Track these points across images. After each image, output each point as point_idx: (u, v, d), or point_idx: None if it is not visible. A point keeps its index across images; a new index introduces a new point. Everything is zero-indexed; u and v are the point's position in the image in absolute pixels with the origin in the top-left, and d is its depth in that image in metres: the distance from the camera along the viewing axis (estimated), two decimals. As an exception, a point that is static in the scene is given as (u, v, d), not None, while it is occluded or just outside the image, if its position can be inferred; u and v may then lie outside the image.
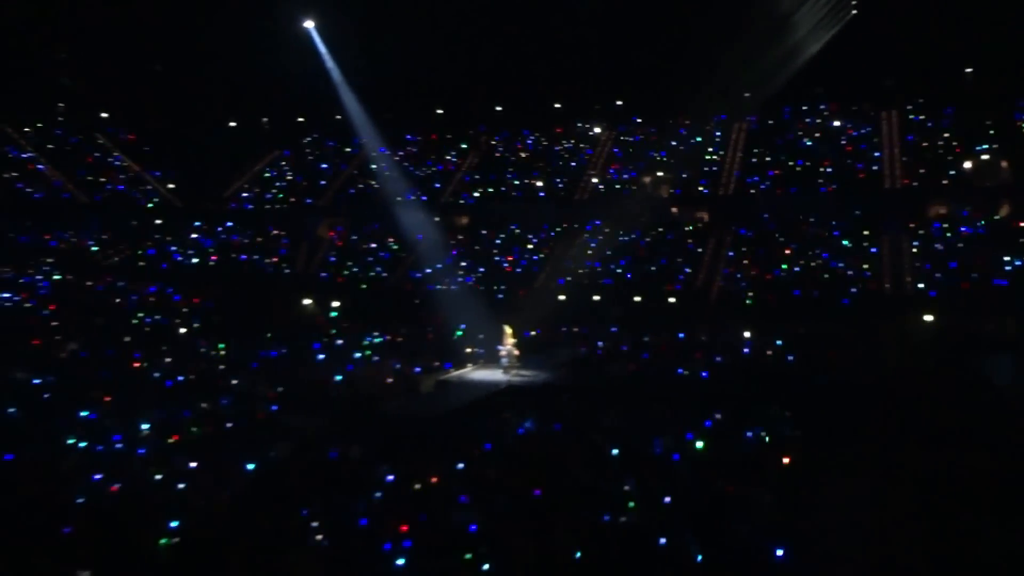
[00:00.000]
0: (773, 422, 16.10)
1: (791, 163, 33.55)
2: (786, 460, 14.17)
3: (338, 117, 36.56)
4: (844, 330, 24.15)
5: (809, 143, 34.55)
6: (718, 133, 35.96)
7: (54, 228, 37.25)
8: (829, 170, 32.50)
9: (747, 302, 27.41)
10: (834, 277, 27.92)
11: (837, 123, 34.88)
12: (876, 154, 32.69)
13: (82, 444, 15.45)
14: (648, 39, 32.53)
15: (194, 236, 38.12)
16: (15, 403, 18.24)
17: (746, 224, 31.99)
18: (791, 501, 12.59)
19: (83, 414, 17.35)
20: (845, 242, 29.64)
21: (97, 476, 13.49)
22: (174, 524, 11.66)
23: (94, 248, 37.08)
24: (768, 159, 34.18)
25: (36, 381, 20.39)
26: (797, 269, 28.79)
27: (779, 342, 23.58)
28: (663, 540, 11.07)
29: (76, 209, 38.49)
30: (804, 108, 35.73)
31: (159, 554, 11.11)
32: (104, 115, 42.11)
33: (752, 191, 33.12)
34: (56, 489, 13.08)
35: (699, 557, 10.79)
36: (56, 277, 32.94)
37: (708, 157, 35.05)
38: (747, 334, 24.25)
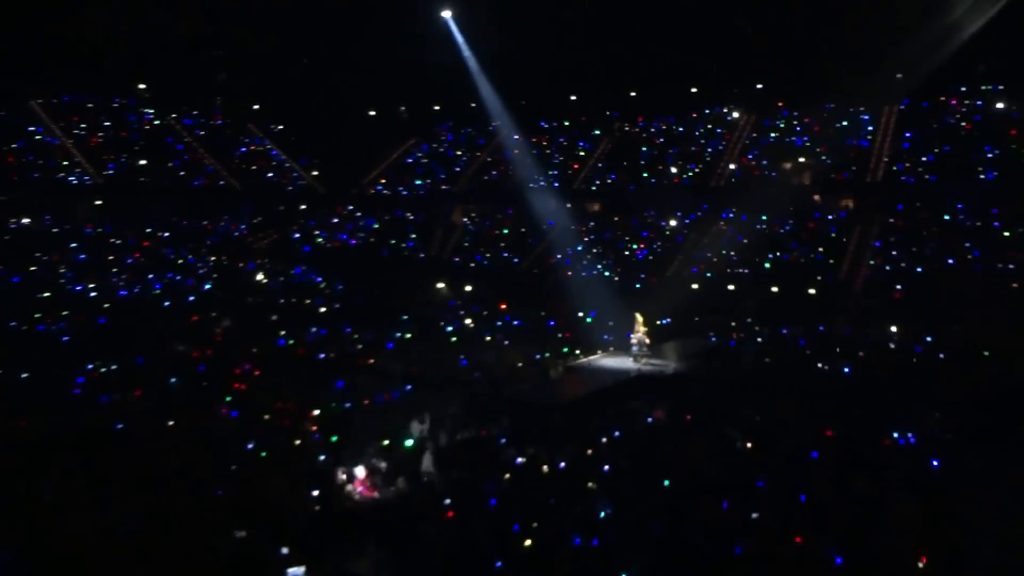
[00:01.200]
0: (921, 423, 15.21)
1: (946, 149, 31.41)
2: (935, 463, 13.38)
3: (473, 105, 37.15)
4: (1001, 328, 22.42)
5: (967, 127, 32.19)
6: (866, 117, 34.04)
7: (210, 213, 39.78)
8: (989, 156, 30.22)
9: (895, 295, 25.96)
10: (991, 271, 26.01)
11: (1000, 105, 32.26)
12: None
13: (235, 413, 16.50)
14: (789, 17, 31.07)
15: (335, 221, 39.86)
16: (175, 374, 19.71)
17: (895, 213, 30.28)
18: (938, 507, 11.86)
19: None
20: (1006, 234, 27.54)
21: (249, 445, 14.39)
22: (315, 493, 12.29)
23: (245, 232, 39.41)
24: (921, 144, 32.14)
25: (194, 354, 21.92)
26: (951, 262, 27.03)
27: (929, 338, 22.20)
28: (799, 540, 10.72)
29: (230, 195, 40.94)
30: (962, 90, 33.25)
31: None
32: (255, 107, 44.51)
33: (903, 178, 31.27)
34: (212, 455, 14.04)
35: (838, 560, 10.36)
36: (212, 259, 35.20)
37: (855, 142, 33.31)
38: (894, 329, 22.96)
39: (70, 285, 29.65)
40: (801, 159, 33.86)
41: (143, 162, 39.95)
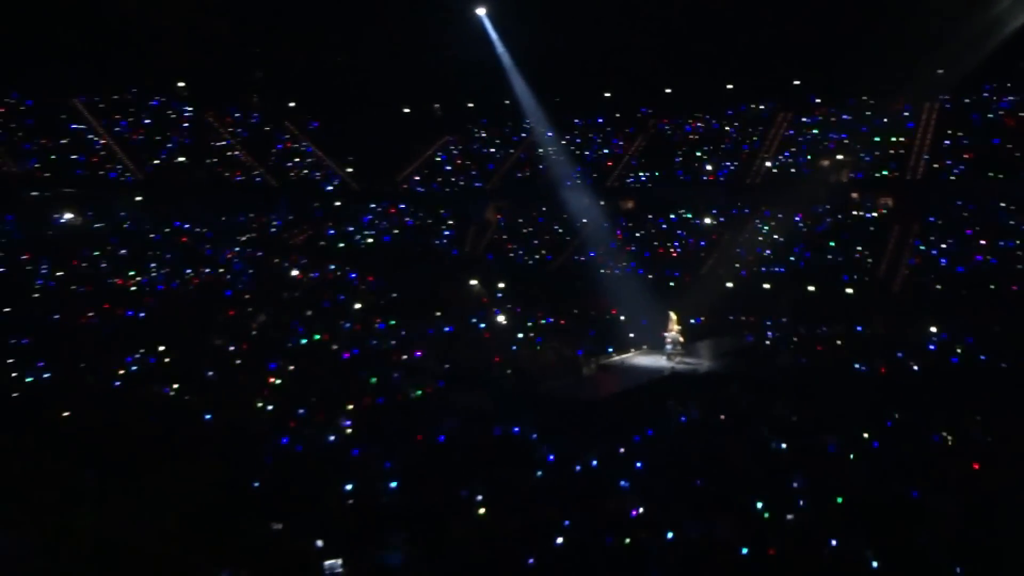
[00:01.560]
0: (961, 425, 14.93)
1: (989, 145, 30.73)
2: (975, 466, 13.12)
3: (507, 102, 37.09)
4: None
5: (1009, 124, 31.43)
6: (906, 113, 33.40)
7: (248, 209, 40.23)
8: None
9: (935, 295, 25.50)
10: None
11: (1046, 101, 31.53)
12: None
13: (270, 407, 16.69)
14: (827, 10, 30.56)
15: (369, 218, 40.12)
16: (212, 367, 19.97)
17: (936, 211, 29.71)
18: (978, 512, 11.63)
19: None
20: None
21: (284, 439, 14.55)
22: (348, 487, 12.38)
23: (281, 228, 39.80)
24: (963, 141, 31.49)
25: (231, 348, 22.18)
26: (993, 261, 26.46)
27: (970, 339, 21.77)
28: (834, 542, 10.58)
29: (266, 192, 41.37)
30: (1007, 85, 32.50)
31: None
32: (291, 104, 44.90)
33: (943, 176, 30.67)
34: (247, 447, 14.22)
35: (874, 564, 10.21)
36: (248, 254, 35.57)
37: (895, 139, 32.70)
38: (934, 329, 22.54)
39: (110, 279, 30.17)
40: (839, 156, 33.35)
41: (182, 159, 40.51)
